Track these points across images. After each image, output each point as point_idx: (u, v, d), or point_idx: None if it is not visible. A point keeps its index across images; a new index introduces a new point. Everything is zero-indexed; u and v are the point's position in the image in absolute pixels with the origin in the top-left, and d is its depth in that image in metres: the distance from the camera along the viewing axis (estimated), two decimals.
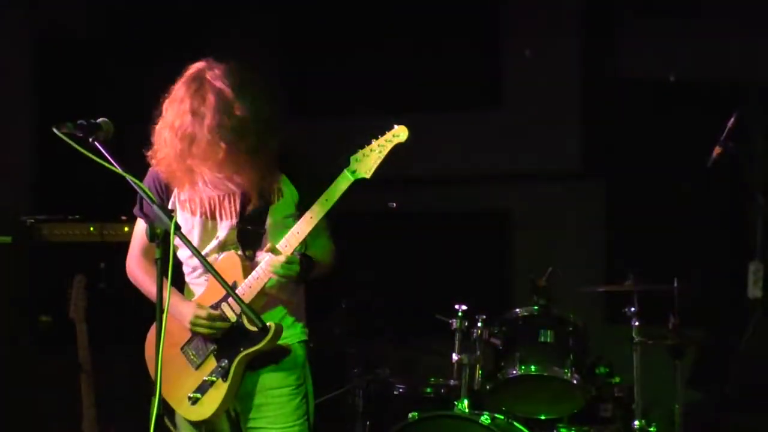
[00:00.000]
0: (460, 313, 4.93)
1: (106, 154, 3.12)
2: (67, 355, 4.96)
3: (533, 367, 4.91)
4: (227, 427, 3.55)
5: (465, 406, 4.77)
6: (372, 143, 3.37)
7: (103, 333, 5.03)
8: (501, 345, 5.03)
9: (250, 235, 3.50)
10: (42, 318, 5.49)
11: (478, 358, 4.92)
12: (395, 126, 3.37)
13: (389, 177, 3.53)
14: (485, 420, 4.60)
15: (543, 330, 4.98)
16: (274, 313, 3.50)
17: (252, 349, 3.39)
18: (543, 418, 5.09)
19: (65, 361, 5.00)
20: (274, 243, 3.41)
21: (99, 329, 4.99)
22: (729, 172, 5.56)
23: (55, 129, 3.13)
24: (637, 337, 4.99)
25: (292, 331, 3.56)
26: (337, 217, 3.58)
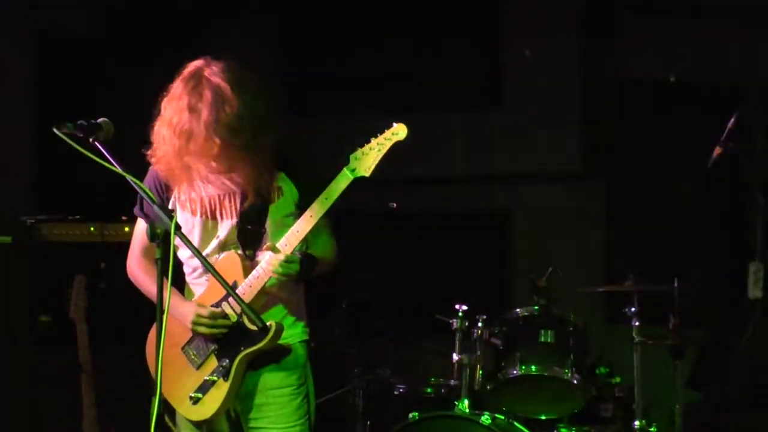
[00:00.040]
0: (460, 313, 4.94)
1: (107, 154, 3.12)
2: (67, 355, 4.96)
3: (534, 367, 4.91)
4: (227, 427, 3.54)
5: (465, 406, 4.77)
6: (371, 141, 3.36)
7: (103, 333, 5.03)
8: (501, 345, 5.02)
9: (251, 235, 3.50)
10: (42, 318, 5.48)
11: (478, 358, 4.92)
12: (394, 124, 3.35)
13: (389, 177, 3.53)
14: (486, 420, 4.60)
15: (543, 330, 4.98)
16: (274, 313, 3.50)
17: (253, 349, 3.39)
18: (543, 418, 5.09)
19: (65, 361, 5.00)
20: (275, 242, 3.41)
21: (99, 329, 4.99)
22: (729, 172, 5.55)
23: (55, 129, 3.12)
24: (637, 337, 5.00)
25: (293, 331, 3.55)
26: (338, 217, 3.58)
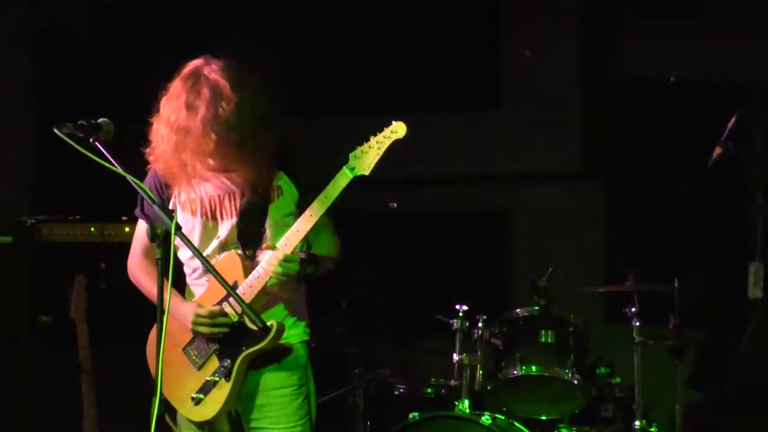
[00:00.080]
0: (461, 314, 4.94)
1: (107, 155, 3.11)
2: (67, 356, 4.95)
3: (534, 368, 4.90)
4: (229, 428, 3.54)
5: (466, 406, 4.76)
6: (370, 140, 3.35)
7: (103, 333, 5.03)
8: (501, 345, 5.02)
9: (251, 234, 3.49)
10: (42, 318, 5.47)
11: (478, 358, 4.91)
12: (393, 122, 3.34)
13: (389, 177, 3.53)
14: (486, 420, 4.60)
15: (543, 330, 4.97)
16: (275, 313, 3.49)
17: (254, 348, 3.38)
18: (544, 418, 5.08)
19: (65, 362, 5.00)
20: (275, 241, 3.41)
21: (99, 329, 4.98)
22: (729, 172, 5.55)
23: (55, 129, 3.11)
24: (637, 338, 4.99)
25: (294, 331, 3.55)
26: (337, 217, 3.58)
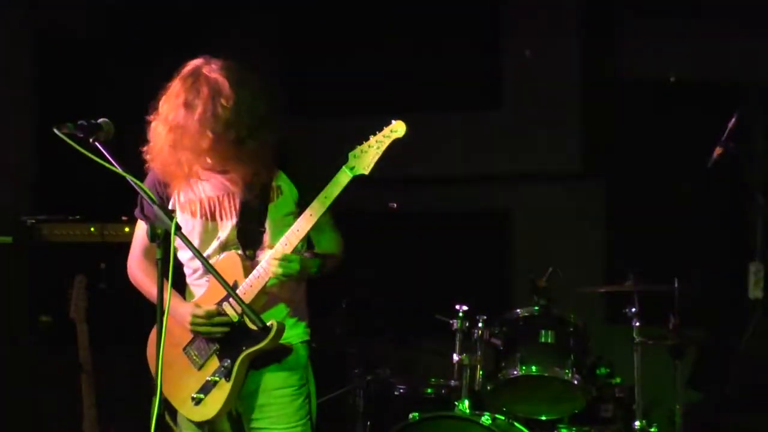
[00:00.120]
0: (461, 314, 4.93)
1: (107, 155, 3.11)
2: (67, 356, 4.95)
3: (534, 368, 4.90)
4: (229, 428, 3.54)
5: (466, 406, 4.76)
6: (370, 139, 3.34)
7: (103, 333, 5.03)
8: (501, 345, 5.02)
9: (251, 234, 3.49)
10: (42, 318, 5.47)
11: (478, 358, 4.91)
12: (393, 121, 3.34)
13: (389, 177, 3.53)
14: (486, 420, 4.60)
15: (543, 330, 4.96)
16: (276, 313, 3.49)
17: (254, 348, 3.38)
18: (544, 418, 5.08)
19: (65, 362, 4.99)
20: (275, 241, 3.41)
21: (99, 329, 4.98)
22: (729, 172, 5.56)
23: (55, 129, 3.11)
24: (637, 338, 4.99)
25: (295, 331, 3.55)
26: (338, 217, 3.58)
